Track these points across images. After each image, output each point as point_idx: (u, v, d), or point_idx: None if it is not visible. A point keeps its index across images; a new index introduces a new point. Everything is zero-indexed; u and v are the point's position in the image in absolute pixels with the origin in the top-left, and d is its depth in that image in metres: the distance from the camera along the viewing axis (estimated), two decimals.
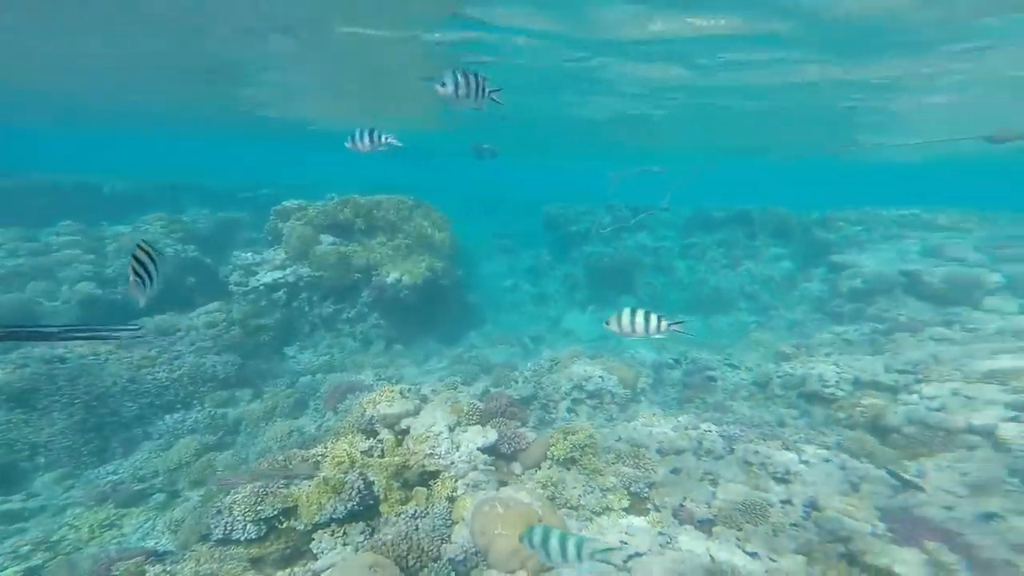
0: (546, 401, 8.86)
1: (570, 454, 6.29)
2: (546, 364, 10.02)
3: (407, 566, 4.28)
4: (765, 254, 15.87)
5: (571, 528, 5.29)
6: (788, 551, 4.75)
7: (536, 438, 6.41)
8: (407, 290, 11.24)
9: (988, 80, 10.08)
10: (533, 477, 6.02)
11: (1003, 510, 4.42)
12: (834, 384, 7.17)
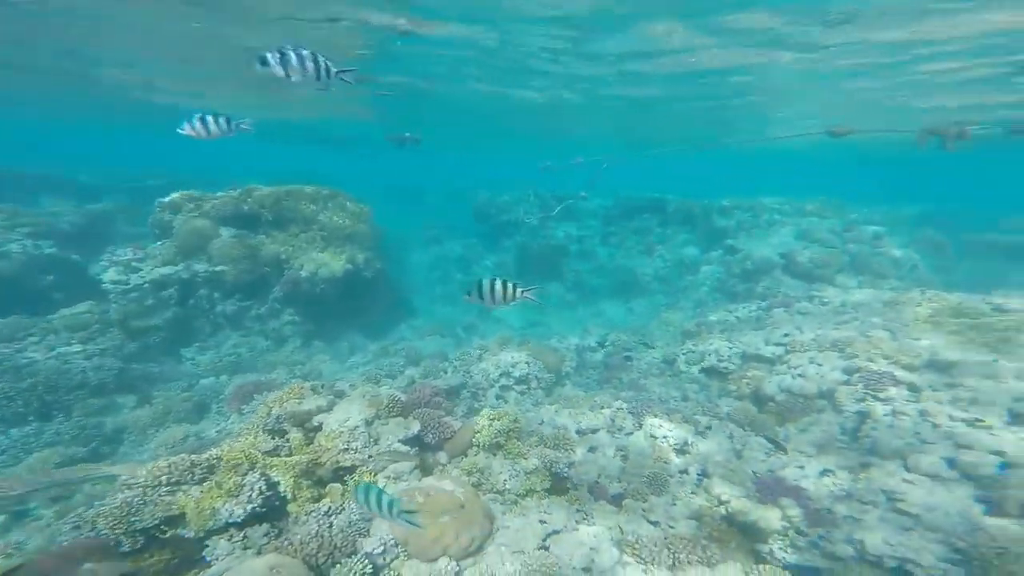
0: (475, 389, 8.95)
1: (495, 439, 6.41)
2: (475, 353, 10.11)
3: (316, 564, 4.16)
4: (675, 240, 17.16)
5: (495, 512, 5.43)
6: (683, 517, 5.25)
7: (461, 426, 6.45)
8: (325, 283, 10.68)
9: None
10: (459, 465, 6.08)
11: (835, 466, 5.23)
12: (727, 359, 7.98)
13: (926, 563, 4.23)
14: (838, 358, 6.18)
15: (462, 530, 4.54)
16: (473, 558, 4.72)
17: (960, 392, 5.36)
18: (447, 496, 4.70)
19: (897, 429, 5.29)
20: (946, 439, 5.07)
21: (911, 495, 4.72)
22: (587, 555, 4.81)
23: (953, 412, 5.26)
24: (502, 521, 5.27)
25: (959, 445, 4.98)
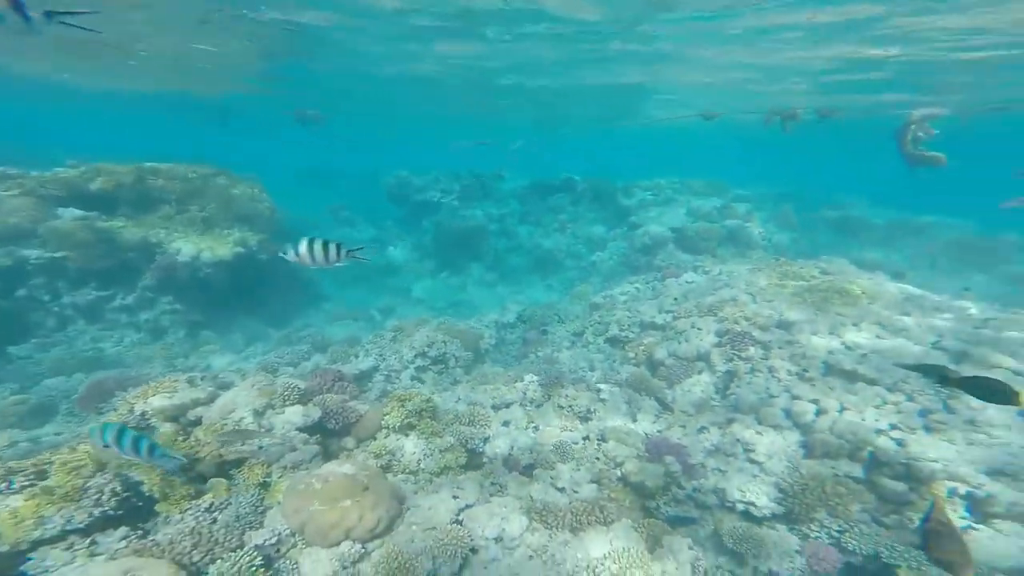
0: (389, 372, 8.64)
1: (407, 420, 6.26)
2: (389, 335, 9.74)
3: (190, 563, 3.77)
4: (585, 219, 17.98)
5: (406, 492, 5.31)
6: (586, 482, 5.54)
7: (369, 410, 6.19)
8: (211, 268, 9.55)
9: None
10: (367, 448, 5.84)
11: (709, 423, 5.82)
12: (627, 328, 8.51)
13: (761, 504, 4.89)
14: (713, 322, 6.85)
15: (367, 512, 4.38)
16: (381, 539, 4.58)
17: (795, 348, 6.19)
18: (348, 480, 4.49)
19: (754, 385, 6.01)
20: (785, 392, 5.85)
21: (759, 445, 5.41)
22: (498, 526, 4.90)
23: (791, 367, 6.07)
24: (414, 500, 5.19)
25: (793, 397, 5.77)
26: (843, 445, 5.13)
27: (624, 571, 4.12)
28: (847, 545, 4.48)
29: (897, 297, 6.80)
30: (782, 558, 4.50)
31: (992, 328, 6.28)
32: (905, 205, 16.96)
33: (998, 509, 4.52)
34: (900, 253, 13.67)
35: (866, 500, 4.76)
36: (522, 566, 4.60)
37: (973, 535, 4.45)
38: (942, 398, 5.42)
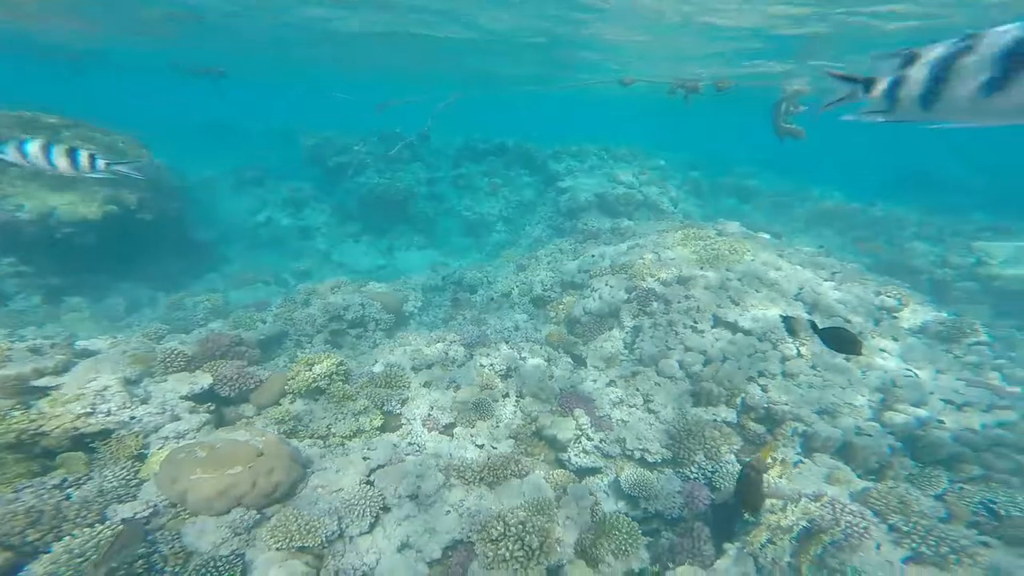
0: (299, 337, 8.08)
1: (315, 384, 5.91)
2: (301, 298, 9.08)
3: (21, 544, 3.29)
4: (517, 182, 17.91)
5: (313, 456, 5.04)
6: (504, 437, 5.60)
7: (271, 375, 5.75)
8: (73, 227, 8.19)
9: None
10: (269, 414, 5.44)
11: (616, 376, 6.15)
12: (549, 288, 8.64)
13: (654, 450, 5.26)
14: (623, 279, 7.13)
15: (261, 478, 4.10)
16: (280, 504, 4.32)
17: (691, 303, 6.64)
18: (238, 446, 4.15)
19: (655, 339, 6.36)
20: (680, 344, 6.26)
21: (657, 396, 5.76)
22: (412, 484, 4.80)
23: (686, 320, 6.51)
24: (321, 464, 4.94)
25: (687, 348, 6.19)
26: (722, 392, 5.59)
27: (530, 518, 4.22)
28: (716, 484, 4.95)
29: (773, 255, 7.48)
30: (667, 499, 4.88)
31: (837, 280, 7.14)
32: (789, 174, 18.90)
33: (817, 444, 5.20)
34: (782, 218, 15.22)
35: (734, 442, 5.25)
36: (438, 521, 4.57)
37: (800, 468, 5.08)
38: (797, 346, 6.04)
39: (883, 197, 16.11)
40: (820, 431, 5.22)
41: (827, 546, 4.41)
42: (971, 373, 5.50)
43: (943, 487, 4.85)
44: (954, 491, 4.81)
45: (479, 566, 4.09)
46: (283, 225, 16.51)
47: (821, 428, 5.23)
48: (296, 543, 4.04)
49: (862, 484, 4.99)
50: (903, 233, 12.57)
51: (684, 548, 4.64)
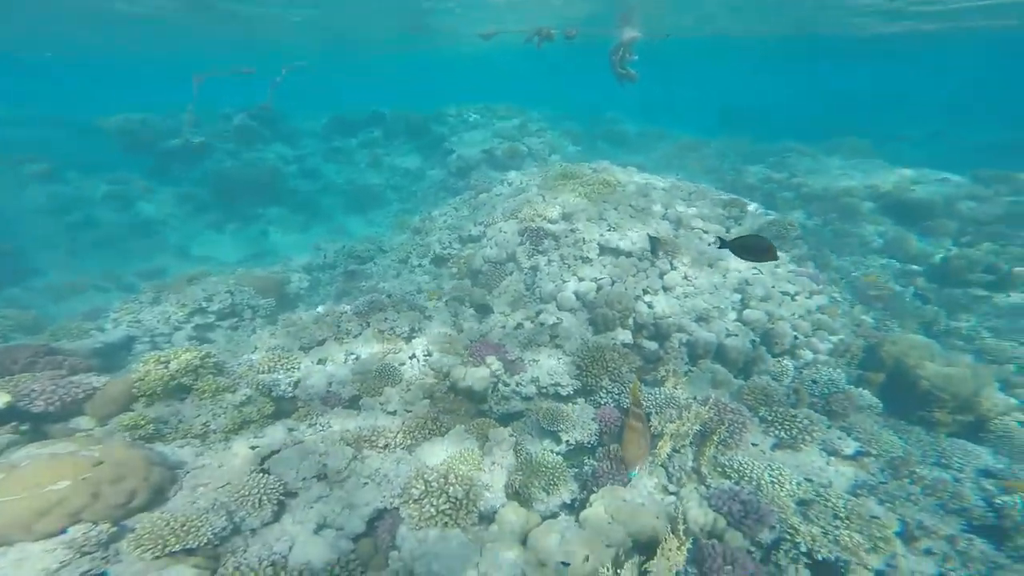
0: (153, 338, 6.87)
1: (176, 382, 5.05)
2: (148, 296, 7.67)
3: None
4: (400, 150, 17.24)
5: (186, 456, 4.33)
6: (418, 400, 5.35)
7: (108, 381, 4.78)
8: None
9: None
10: (118, 423, 4.54)
11: (523, 318, 6.26)
12: (448, 245, 8.42)
13: (564, 383, 5.50)
14: (515, 224, 7.27)
15: (106, 487, 3.41)
16: (148, 512, 3.65)
17: (577, 235, 7.02)
18: (58, 461, 3.43)
19: (551, 275, 6.59)
20: (573, 276, 6.58)
21: (561, 329, 5.99)
22: (317, 463, 4.37)
23: (575, 252, 6.85)
24: (199, 462, 4.25)
25: (580, 278, 6.53)
26: (616, 315, 5.96)
27: (451, 470, 4.11)
28: (623, 404, 5.32)
29: (641, 184, 8.22)
30: (584, 428, 5.11)
31: (692, 199, 8.13)
32: (650, 119, 21.08)
33: (699, 350, 5.87)
34: (647, 155, 16.94)
35: (632, 361, 5.67)
36: (354, 495, 4.23)
37: (689, 377, 5.70)
38: (669, 260, 6.65)
39: (719, 132, 18.92)
40: (700, 338, 5.82)
41: (718, 446, 4.96)
42: (796, 265, 6.56)
43: (791, 376, 5.74)
44: (798, 378, 5.74)
45: (407, 529, 3.88)
46: (111, 223, 13.83)
47: (701, 335, 5.84)
48: (175, 546, 3.44)
49: (737, 383, 5.72)
50: (738, 159, 14.83)
51: (604, 471, 4.91)
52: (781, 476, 4.81)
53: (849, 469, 5.24)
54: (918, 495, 5.00)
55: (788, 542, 4.38)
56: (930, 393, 5.31)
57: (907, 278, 8.62)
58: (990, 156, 13.78)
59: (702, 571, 3.89)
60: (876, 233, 9.97)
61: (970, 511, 4.92)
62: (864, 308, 7.41)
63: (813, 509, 4.71)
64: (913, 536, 4.85)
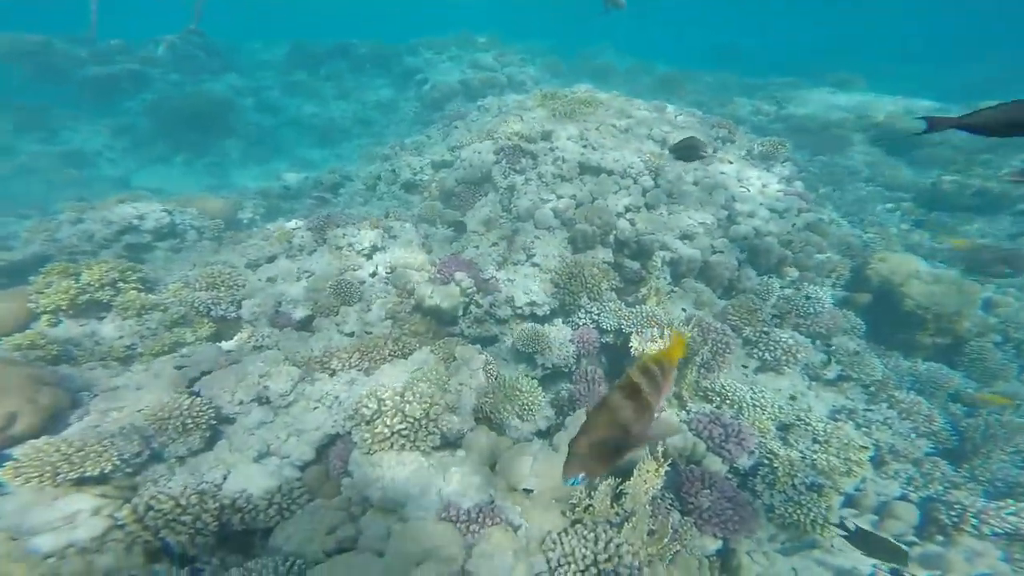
0: (72, 257, 5.74)
1: (89, 297, 4.16)
2: (67, 216, 6.41)
3: None
4: (372, 84, 15.60)
5: (97, 377, 3.53)
6: (379, 320, 4.63)
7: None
8: None
9: None
10: (8, 343, 3.65)
11: (498, 238, 5.53)
12: (420, 171, 7.49)
13: (541, 301, 4.88)
14: (491, 144, 6.50)
15: None
16: (43, 436, 2.90)
17: (556, 154, 6.29)
18: None
19: (529, 193, 5.86)
20: (552, 194, 5.86)
21: (538, 248, 5.31)
22: (256, 385, 3.65)
23: (554, 170, 6.13)
24: (109, 384, 3.46)
25: (559, 196, 5.82)
26: (596, 232, 5.33)
27: (409, 388, 3.46)
28: (602, 324, 4.76)
29: (625, 105, 7.45)
30: (560, 348, 4.56)
31: (679, 122, 7.45)
32: (634, 51, 19.82)
33: (683, 268, 5.34)
34: (632, 87, 15.91)
35: (612, 278, 5.10)
36: (301, 419, 3.57)
37: (671, 296, 5.20)
38: (653, 177, 6.02)
39: (709, 67, 17.97)
40: (684, 255, 5.26)
41: (700, 368, 4.51)
42: (785, 184, 6.02)
43: (776, 293, 5.29)
44: (783, 295, 5.29)
45: (360, 454, 3.27)
46: (31, 153, 11.94)
47: (685, 252, 5.27)
48: (69, 474, 2.72)
49: (722, 304, 5.23)
50: (728, 92, 14.11)
51: (581, 394, 4.40)
52: (763, 400, 4.42)
53: (829, 394, 4.93)
54: (894, 419, 4.76)
55: (766, 467, 4.07)
56: (913, 314, 4.96)
57: (895, 204, 8.25)
58: (986, 88, 13.43)
59: (679, 495, 3.55)
60: (864, 164, 9.48)
61: (938, 434, 4.74)
62: (854, 229, 7.00)
63: (793, 433, 4.41)
64: (884, 460, 4.66)
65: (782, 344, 4.76)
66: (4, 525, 2.60)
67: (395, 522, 2.82)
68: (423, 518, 2.81)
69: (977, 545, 4.03)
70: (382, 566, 2.53)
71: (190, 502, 2.79)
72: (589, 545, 2.75)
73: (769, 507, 3.97)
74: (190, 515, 2.72)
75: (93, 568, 2.57)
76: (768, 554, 3.93)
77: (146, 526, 2.64)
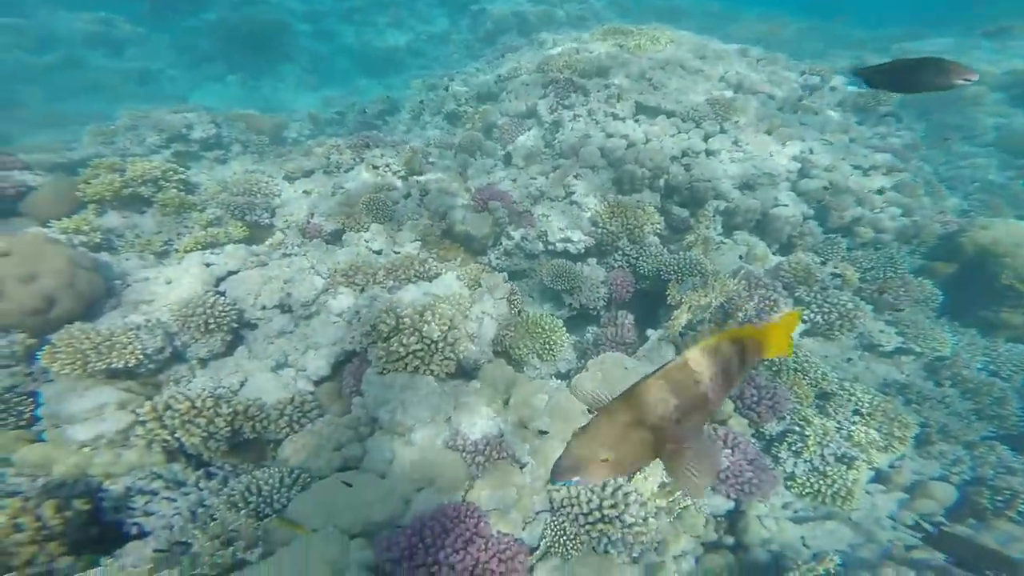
0: (122, 159, 5.59)
1: (132, 191, 3.97)
2: (123, 122, 6.16)
3: None
4: (426, 14, 14.26)
5: (130, 268, 3.37)
6: (408, 241, 4.26)
7: (48, 182, 3.74)
8: None
9: None
10: (58, 226, 3.54)
11: (537, 173, 4.88)
12: (464, 101, 6.80)
13: (576, 239, 4.30)
14: (540, 76, 5.68)
15: (13, 287, 2.54)
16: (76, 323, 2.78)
17: (611, 91, 5.43)
18: None
19: (575, 130, 5.13)
20: (601, 132, 5.06)
21: (579, 186, 4.64)
22: (280, 290, 3.40)
23: (606, 108, 5.28)
24: (141, 275, 3.31)
25: (608, 135, 5.01)
26: (645, 174, 4.59)
27: (430, 308, 3.09)
28: (639, 269, 4.18)
29: (698, 44, 6.29)
30: (591, 289, 4.05)
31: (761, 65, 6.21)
32: None
33: (737, 219, 4.54)
34: (711, 34, 13.84)
35: (656, 222, 4.43)
36: (321, 333, 3.32)
37: (721, 248, 4.46)
38: (719, 122, 5.08)
39: (808, 15, 15.07)
40: (741, 205, 4.47)
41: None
42: (879, 140, 4.93)
43: (841, 255, 4.47)
44: (848, 257, 4.46)
45: (373, 372, 3.01)
46: (99, 67, 11.76)
47: (742, 202, 4.48)
48: (98, 364, 2.61)
49: (776, 259, 4.48)
50: (827, 43, 11.99)
51: (608, 337, 3.93)
52: (807, 364, 3.80)
53: (883, 365, 4.22)
54: (954, 398, 4.03)
55: (796, 434, 3.54)
56: (1010, 288, 4.03)
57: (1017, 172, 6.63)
58: None
59: None
60: (993, 126, 7.62)
61: (1006, 419, 4.00)
62: (952, 194, 5.73)
63: (834, 402, 3.81)
64: (930, 439, 4.01)
65: (839, 307, 4.03)
66: (48, 411, 2.54)
67: (401, 446, 2.57)
68: (430, 445, 2.54)
69: (1016, 531, 3.48)
70: (384, 488, 2.30)
71: (205, 405, 2.63)
72: (596, 491, 2.41)
73: (790, 475, 3.50)
74: (204, 418, 2.56)
75: (120, 461, 2.50)
76: (779, 520, 3.52)
77: (164, 425, 2.50)
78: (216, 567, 1.85)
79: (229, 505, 2.20)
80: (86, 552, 2.02)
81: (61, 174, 3.95)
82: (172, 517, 2.24)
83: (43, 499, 2.00)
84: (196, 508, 2.31)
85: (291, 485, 2.35)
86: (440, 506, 2.12)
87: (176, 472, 2.48)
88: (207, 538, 1.89)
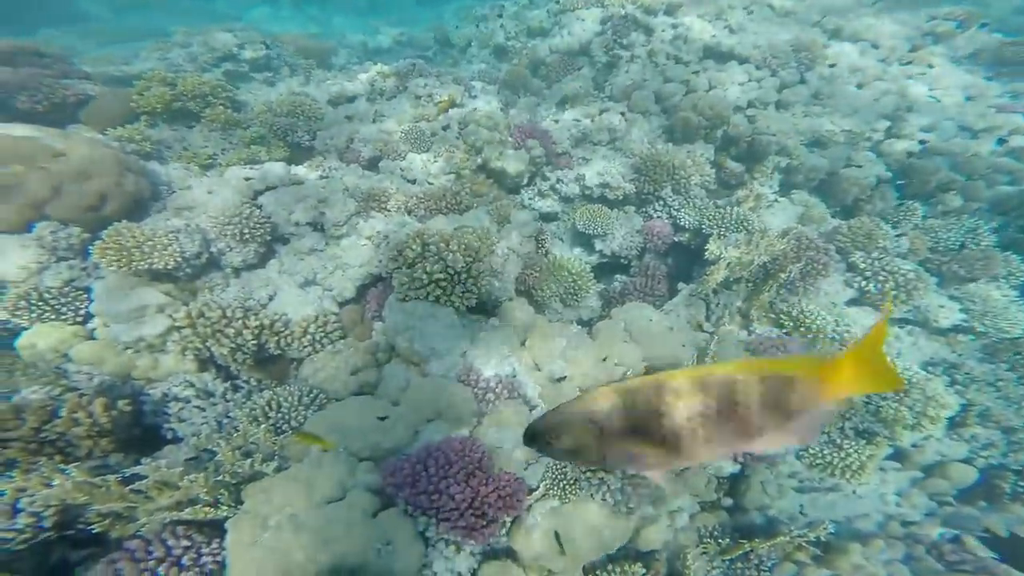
0: (176, 74, 5.33)
1: (181, 105, 3.75)
2: (179, 38, 5.81)
3: None
4: None
5: (176, 177, 3.21)
6: (443, 173, 3.89)
7: (105, 92, 3.60)
8: None
9: None
10: (112, 135, 3.39)
11: (582, 115, 4.17)
12: (514, 37, 5.97)
13: (615, 185, 3.68)
14: (598, 11, 4.76)
15: (68, 183, 2.48)
16: (103, 213, 2.68)
17: (678, 31, 4.40)
18: (12, 141, 2.25)
19: (631, 72, 4.28)
20: (660, 76, 4.20)
21: (630, 133, 3.90)
22: (314, 208, 3.18)
23: (669, 50, 4.35)
24: (185, 183, 3.16)
25: (666, 79, 4.15)
26: (701, 123, 3.83)
27: (455, 237, 2.76)
28: (680, 220, 3.61)
29: None
30: (625, 239, 3.57)
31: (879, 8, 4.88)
32: None
33: (798, 178, 3.76)
34: None
35: (706, 174, 3.74)
36: (349, 254, 3.11)
37: (774, 206, 3.73)
38: (801, 71, 4.09)
39: None
40: (807, 163, 3.71)
41: (782, 287, 3.33)
42: (1009, 98, 3.87)
43: (915, 222, 3.68)
44: (922, 225, 3.67)
45: (395, 299, 2.79)
46: None
47: (808, 160, 3.71)
48: (140, 263, 2.52)
49: (835, 222, 3.77)
50: None
51: (636, 287, 3.51)
52: (848, 335, 3.26)
53: (933, 343, 3.60)
54: (1009, 382, 3.42)
55: None
56: None
57: None
58: None
59: None
60: None
61: None
62: None
63: None
64: (965, 422, 3.47)
65: (898, 277, 3.38)
66: (99, 309, 2.49)
67: (416, 375, 2.38)
68: (444, 377, 2.34)
69: None
70: (395, 414, 2.14)
71: (235, 315, 2.51)
72: None
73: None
74: (233, 329, 2.45)
75: (159, 366, 2.47)
76: (782, 487, 3.22)
77: (197, 332, 2.41)
78: (236, 476, 1.79)
79: (251, 419, 2.13)
80: (132, 452, 2.04)
81: (119, 91, 3.74)
82: (201, 426, 2.22)
83: (95, 397, 1.98)
84: (222, 419, 2.28)
85: (308, 404, 2.25)
86: (446, 438, 1.95)
87: (207, 382, 2.44)
88: (229, 448, 1.82)
